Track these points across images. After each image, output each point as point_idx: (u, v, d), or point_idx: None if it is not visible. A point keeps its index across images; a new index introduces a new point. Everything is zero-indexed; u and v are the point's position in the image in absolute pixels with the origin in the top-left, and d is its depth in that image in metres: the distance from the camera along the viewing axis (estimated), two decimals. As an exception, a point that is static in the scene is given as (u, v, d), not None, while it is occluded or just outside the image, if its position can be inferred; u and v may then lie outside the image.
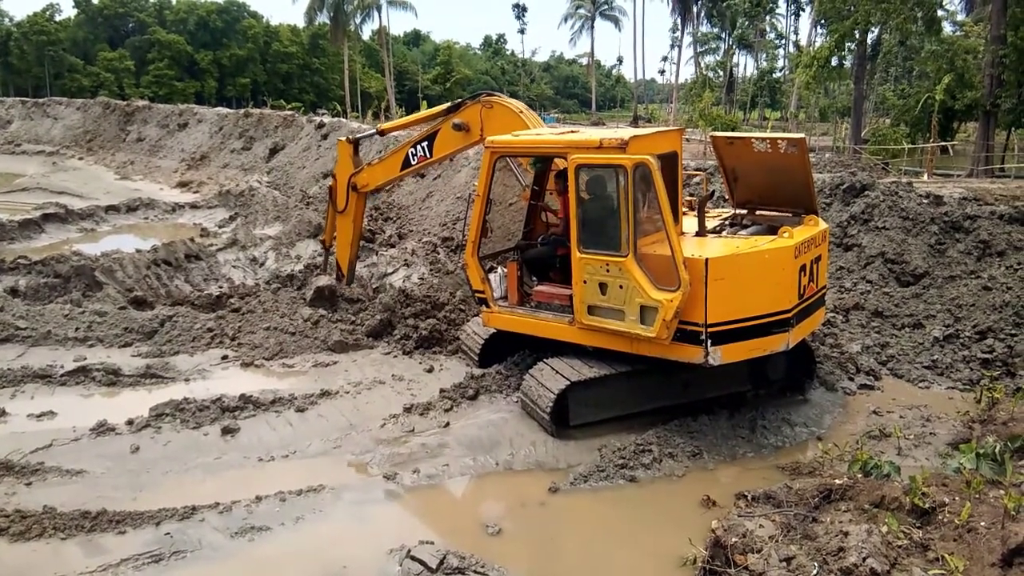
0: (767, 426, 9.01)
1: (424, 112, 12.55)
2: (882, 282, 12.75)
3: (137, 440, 8.52)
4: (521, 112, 10.50)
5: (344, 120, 35.79)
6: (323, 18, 68.87)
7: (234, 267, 16.03)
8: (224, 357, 11.21)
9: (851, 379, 10.42)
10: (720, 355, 8.00)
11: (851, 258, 13.39)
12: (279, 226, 20.38)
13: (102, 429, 8.71)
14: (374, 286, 14.01)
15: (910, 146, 32.07)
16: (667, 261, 7.88)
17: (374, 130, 13.14)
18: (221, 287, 14.46)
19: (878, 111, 45.45)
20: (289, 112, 38.34)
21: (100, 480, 7.72)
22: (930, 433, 8.81)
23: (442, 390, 9.80)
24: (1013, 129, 35.81)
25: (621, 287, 8.22)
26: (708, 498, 7.35)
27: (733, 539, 5.81)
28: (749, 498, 6.63)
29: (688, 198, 10.42)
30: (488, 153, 9.54)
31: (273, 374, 10.75)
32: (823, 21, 41.34)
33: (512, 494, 7.81)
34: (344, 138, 12.64)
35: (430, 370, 10.86)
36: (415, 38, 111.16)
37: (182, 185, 31.74)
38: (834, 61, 36.75)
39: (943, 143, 33.36)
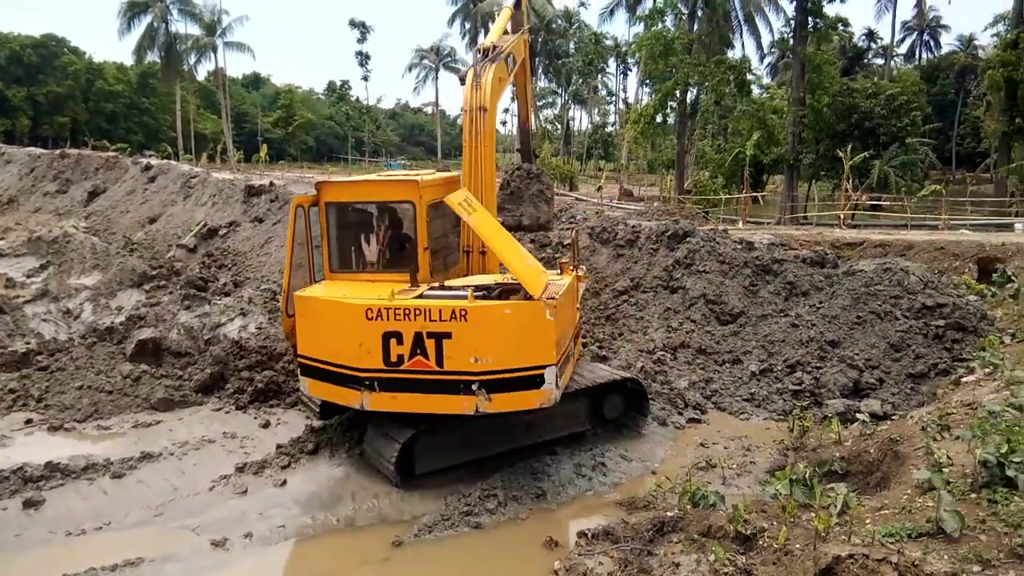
0: (606, 463, 9.32)
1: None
2: (704, 321, 13.68)
3: (-85, 522, 7.44)
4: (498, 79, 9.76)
5: (174, 163, 33.92)
6: (153, 56, 65.29)
7: (44, 320, 14.53)
8: (28, 421, 10.18)
9: (680, 414, 11.02)
10: (306, 386, 8.89)
11: (677, 300, 14.29)
12: (98, 275, 18.77)
13: None
14: (205, 338, 13.17)
15: (726, 196, 34.96)
16: None
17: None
18: (28, 343, 13.06)
19: (699, 164, 49.40)
20: (112, 153, 35.84)
21: None
22: (751, 462, 9.46)
23: (279, 446, 9.36)
24: (813, 181, 40.09)
25: None
26: (551, 539, 7.44)
27: (574, 579, 5.90)
28: (589, 536, 6.79)
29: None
30: (293, 206, 9.30)
31: (86, 438, 9.83)
32: (648, 81, 44.59)
33: (354, 552, 7.52)
34: None
35: (266, 425, 10.35)
36: (255, 81, 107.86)
37: (-17, 231, 28.59)
38: (659, 118, 39.70)
39: (754, 194, 36.65)
